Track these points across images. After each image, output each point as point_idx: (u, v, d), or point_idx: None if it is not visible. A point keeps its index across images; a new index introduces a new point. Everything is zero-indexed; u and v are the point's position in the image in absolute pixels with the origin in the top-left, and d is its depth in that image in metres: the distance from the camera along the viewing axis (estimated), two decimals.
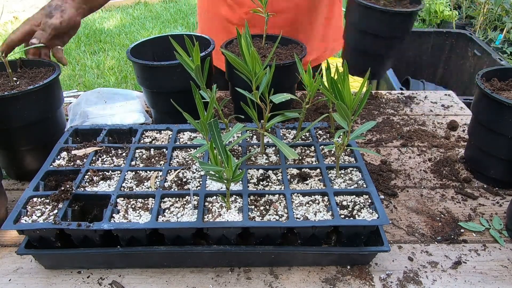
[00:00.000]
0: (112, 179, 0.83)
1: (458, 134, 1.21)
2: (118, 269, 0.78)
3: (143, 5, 5.76)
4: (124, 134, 0.99)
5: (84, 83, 3.66)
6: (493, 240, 0.85)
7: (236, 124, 0.86)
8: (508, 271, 0.78)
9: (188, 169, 0.86)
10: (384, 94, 1.41)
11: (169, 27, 4.96)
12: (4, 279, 0.76)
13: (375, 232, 0.77)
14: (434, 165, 1.07)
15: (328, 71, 0.84)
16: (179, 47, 0.79)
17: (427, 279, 0.77)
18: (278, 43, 0.98)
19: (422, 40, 2.72)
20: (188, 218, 0.74)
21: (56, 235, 0.73)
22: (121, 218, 0.74)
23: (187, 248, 0.74)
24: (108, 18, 5.21)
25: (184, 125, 0.99)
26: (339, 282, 0.76)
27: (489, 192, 0.98)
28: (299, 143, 0.94)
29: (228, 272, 0.78)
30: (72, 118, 1.20)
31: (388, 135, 1.19)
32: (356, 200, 0.78)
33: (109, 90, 1.30)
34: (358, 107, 0.75)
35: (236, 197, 0.78)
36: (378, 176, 1.02)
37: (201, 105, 0.75)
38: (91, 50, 4.36)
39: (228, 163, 0.69)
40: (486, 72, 1.00)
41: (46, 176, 0.84)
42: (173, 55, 0.82)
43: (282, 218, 0.74)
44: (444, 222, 0.89)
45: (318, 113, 1.26)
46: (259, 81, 0.82)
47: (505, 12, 3.96)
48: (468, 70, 2.59)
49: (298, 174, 0.85)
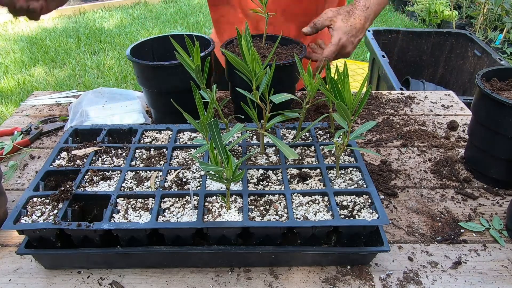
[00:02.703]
0: (112, 179, 0.83)
1: (458, 134, 1.21)
2: (118, 269, 0.78)
3: (143, 5, 5.76)
4: (124, 134, 0.99)
5: (84, 83, 3.66)
6: (493, 240, 0.85)
7: (236, 124, 0.86)
8: (508, 271, 0.78)
9: (188, 169, 0.86)
10: (384, 94, 1.41)
11: (169, 27, 4.96)
12: (4, 279, 0.76)
13: (375, 232, 0.77)
14: (434, 165, 1.07)
15: (328, 71, 0.84)
16: (179, 47, 0.79)
17: (427, 279, 0.77)
18: (278, 43, 0.98)
19: (422, 40, 2.73)
20: (188, 218, 0.74)
21: (56, 235, 0.73)
22: (121, 218, 0.74)
23: (187, 248, 0.74)
24: (108, 18, 5.21)
25: (184, 125, 0.99)
26: (339, 282, 0.76)
27: (489, 192, 0.98)
28: (299, 143, 0.94)
29: (228, 272, 0.78)
30: (72, 118, 1.20)
31: (388, 135, 1.19)
32: (356, 200, 0.78)
33: (109, 90, 1.30)
34: (358, 107, 0.75)
35: (236, 197, 0.78)
36: (378, 176, 1.02)
37: (201, 105, 0.75)
38: (91, 50, 4.36)
39: (228, 163, 0.69)
40: (486, 72, 1.00)
41: (46, 176, 0.84)
42: (173, 55, 0.82)
43: (282, 218, 0.74)
44: (444, 222, 0.89)
45: (318, 113, 1.26)
46: (259, 81, 0.82)
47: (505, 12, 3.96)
48: (468, 70, 2.60)
49: (298, 174, 0.85)
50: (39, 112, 1.32)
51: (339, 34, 1.12)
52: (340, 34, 1.11)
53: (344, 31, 1.12)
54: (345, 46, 1.13)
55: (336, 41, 1.11)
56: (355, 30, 1.13)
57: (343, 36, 1.12)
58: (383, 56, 2.35)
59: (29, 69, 3.93)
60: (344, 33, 1.12)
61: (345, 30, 1.12)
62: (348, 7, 1.16)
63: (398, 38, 2.74)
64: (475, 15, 4.32)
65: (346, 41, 1.12)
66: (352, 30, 1.13)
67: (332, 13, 1.15)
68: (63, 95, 1.41)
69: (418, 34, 2.72)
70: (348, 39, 1.13)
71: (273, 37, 1.22)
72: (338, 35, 1.11)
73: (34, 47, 4.39)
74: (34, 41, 4.53)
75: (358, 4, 1.15)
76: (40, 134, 1.20)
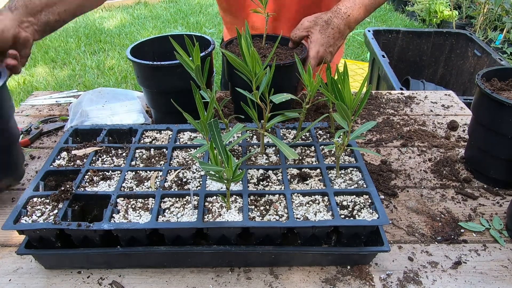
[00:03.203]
0: (112, 179, 0.83)
1: (458, 134, 1.21)
2: (118, 269, 0.78)
3: (143, 5, 5.76)
4: (124, 134, 0.99)
5: (84, 83, 3.66)
6: (493, 240, 0.85)
7: (236, 124, 0.86)
8: (508, 271, 0.78)
9: (188, 169, 0.86)
10: (384, 94, 1.41)
11: (169, 27, 4.96)
12: (4, 279, 0.76)
13: (375, 232, 0.77)
14: (434, 165, 1.07)
15: (328, 71, 0.84)
16: (179, 47, 0.79)
17: (427, 279, 0.77)
18: (278, 43, 0.98)
19: (422, 40, 2.73)
20: (188, 218, 0.74)
21: (56, 235, 0.73)
22: (121, 218, 0.74)
23: (187, 248, 0.74)
24: (108, 18, 5.21)
25: (184, 125, 0.99)
26: (339, 282, 0.76)
27: (489, 192, 0.98)
28: (299, 143, 0.94)
29: (228, 272, 0.78)
30: (72, 118, 1.20)
31: (388, 135, 1.19)
32: (356, 200, 0.78)
33: (109, 90, 1.30)
34: (358, 107, 0.75)
35: (236, 197, 0.78)
36: (378, 176, 1.02)
37: (201, 105, 0.75)
38: (91, 50, 4.36)
39: (228, 163, 0.69)
40: (486, 72, 1.00)
41: (46, 176, 0.84)
42: (173, 55, 0.82)
43: (282, 218, 0.74)
44: (444, 222, 0.89)
45: (318, 113, 1.26)
46: (259, 81, 0.82)
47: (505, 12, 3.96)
48: (468, 70, 2.60)
49: (298, 174, 0.85)
50: (39, 112, 1.32)
51: (316, 47, 1.09)
52: (318, 47, 1.09)
53: (321, 43, 1.09)
54: (324, 57, 1.12)
55: (314, 54, 1.09)
56: (333, 41, 1.11)
57: (320, 49, 1.10)
58: (383, 56, 2.35)
59: (29, 69, 3.93)
60: (322, 45, 1.10)
61: (322, 42, 1.09)
62: (326, 16, 1.12)
63: (398, 38, 2.74)
64: (475, 15, 4.32)
65: (323, 53, 1.11)
66: (330, 41, 1.10)
67: (309, 23, 1.12)
68: (63, 95, 1.41)
69: (418, 34, 2.72)
70: (326, 50, 1.11)
71: (273, 37, 1.22)
72: (316, 48, 1.09)
73: (34, 47, 4.39)
74: None
75: (338, 12, 1.12)
76: (40, 134, 1.20)
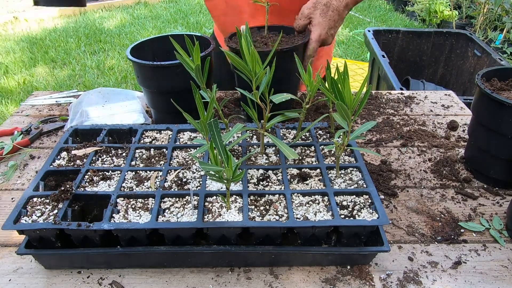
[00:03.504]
0: (112, 179, 0.83)
1: (458, 134, 1.21)
2: (118, 269, 0.78)
3: (143, 5, 5.76)
4: (124, 134, 0.99)
5: (84, 83, 3.66)
6: (493, 240, 0.85)
7: (236, 124, 0.86)
8: (508, 271, 0.78)
9: (188, 169, 0.86)
10: (384, 94, 1.41)
11: (169, 27, 4.96)
12: (4, 279, 0.76)
13: (375, 232, 0.77)
14: (434, 165, 1.07)
15: (328, 71, 0.84)
16: (179, 47, 0.79)
17: (427, 279, 0.77)
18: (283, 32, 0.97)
19: (422, 40, 2.73)
20: (188, 218, 0.74)
21: (56, 235, 0.73)
22: (121, 218, 0.74)
23: (187, 248, 0.74)
24: (108, 18, 5.21)
25: (184, 125, 0.99)
26: (339, 282, 0.76)
27: (489, 192, 0.98)
28: (299, 143, 0.94)
29: (228, 272, 0.78)
30: (72, 118, 1.20)
31: (388, 135, 1.19)
32: (356, 200, 0.78)
33: (109, 90, 1.30)
34: (358, 107, 0.75)
35: (236, 197, 0.78)
36: (378, 176, 1.02)
37: (201, 105, 0.75)
38: (91, 50, 4.36)
39: (228, 163, 0.69)
40: (486, 72, 1.00)
41: (46, 176, 0.84)
42: (173, 55, 0.82)
43: (282, 218, 0.74)
44: (444, 222, 0.89)
45: (318, 113, 1.26)
46: (259, 81, 0.82)
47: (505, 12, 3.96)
48: (468, 70, 2.60)
49: (298, 174, 0.85)
50: (39, 112, 1.32)
51: (318, 30, 1.12)
52: (320, 30, 1.12)
53: (323, 26, 1.12)
54: (326, 40, 1.14)
55: (316, 37, 1.12)
56: (333, 23, 1.13)
57: (322, 32, 1.12)
58: (383, 56, 2.35)
59: (29, 69, 3.93)
60: (323, 28, 1.12)
61: (324, 26, 1.12)
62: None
63: (398, 38, 2.75)
64: (475, 15, 4.32)
65: (325, 36, 1.13)
66: (331, 24, 1.13)
67: (308, 10, 1.15)
68: (63, 95, 1.41)
69: (418, 34, 2.72)
70: (328, 33, 1.13)
71: (275, 27, 1.21)
72: (318, 32, 1.12)
73: (34, 47, 4.39)
74: (34, 41, 4.53)
75: None
76: (40, 134, 1.20)
